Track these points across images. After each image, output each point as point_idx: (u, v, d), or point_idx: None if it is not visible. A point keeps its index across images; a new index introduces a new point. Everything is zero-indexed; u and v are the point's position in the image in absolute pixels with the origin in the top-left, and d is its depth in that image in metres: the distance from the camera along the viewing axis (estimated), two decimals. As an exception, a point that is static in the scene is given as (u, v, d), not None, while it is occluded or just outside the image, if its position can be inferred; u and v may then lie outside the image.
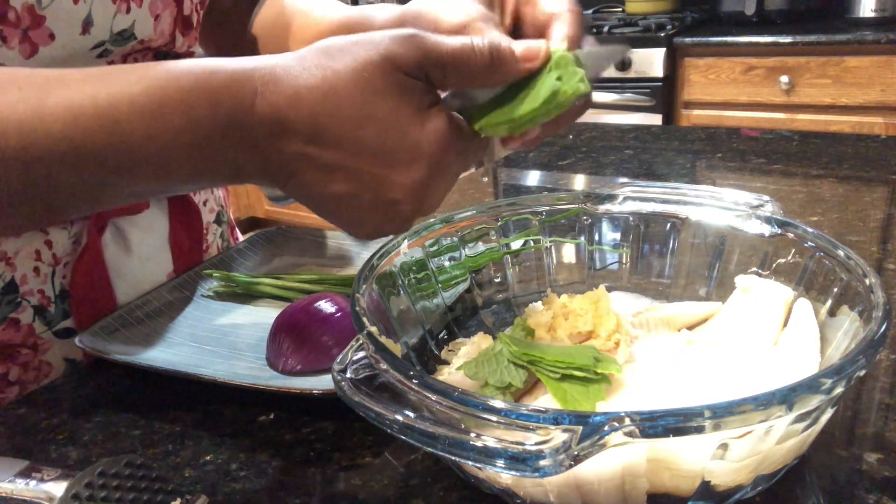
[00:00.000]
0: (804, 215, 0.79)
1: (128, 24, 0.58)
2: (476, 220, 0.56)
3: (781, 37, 1.97)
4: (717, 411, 0.30)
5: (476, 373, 0.43)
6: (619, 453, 0.33)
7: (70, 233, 0.61)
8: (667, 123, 2.19)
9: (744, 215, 0.52)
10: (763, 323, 0.46)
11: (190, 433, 0.49)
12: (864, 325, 0.38)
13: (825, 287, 0.45)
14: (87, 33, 0.55)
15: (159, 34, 0.62)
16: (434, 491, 0.42)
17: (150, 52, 0.63)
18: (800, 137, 1.11)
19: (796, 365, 0.41)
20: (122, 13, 0.57)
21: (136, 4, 0.58)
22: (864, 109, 1.95)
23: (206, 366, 0.55)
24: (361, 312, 0.42)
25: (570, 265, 0.59)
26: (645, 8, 2.51)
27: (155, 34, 0.61)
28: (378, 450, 0.46)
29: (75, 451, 0.49)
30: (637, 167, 1.04)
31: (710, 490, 0.36)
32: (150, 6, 0.60)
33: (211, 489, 0.44)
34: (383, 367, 0.36)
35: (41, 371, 0.62)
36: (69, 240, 0.61)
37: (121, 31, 0.58)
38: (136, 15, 0.59)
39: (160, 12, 0.61)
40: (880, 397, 0.47)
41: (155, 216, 0.68)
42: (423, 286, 0.53)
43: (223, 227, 0.80)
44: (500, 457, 0.30)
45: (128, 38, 0.59)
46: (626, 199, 0.57)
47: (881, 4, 2.04)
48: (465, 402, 0.33)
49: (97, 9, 0.55)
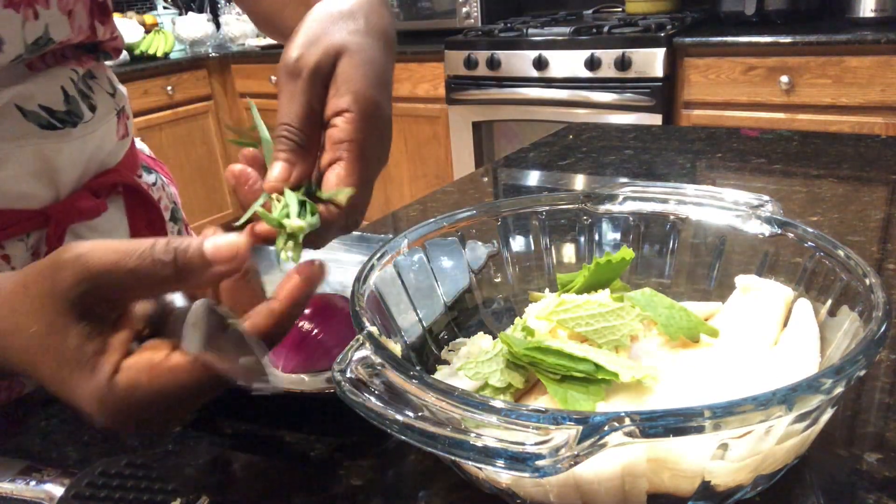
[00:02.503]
0: (804, 215, 0.79)
1: (41, 31, 0.55)
2: (476, 220, 0.56)
3: (781, 37, 1.97)
4: (717, 411, 0.30)
5: (476, 373, 0.43)
6: (619, 453, 0.33)
7: (27, 245, 0.60)
8: (667, 123, 2.19)
9: (744, 215, 0.52)
10: (763, 323, 0.46)
11: (190, 433, 0.49)
12: (864, 325, 0.38)
13: (825, 287, 0.45)
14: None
15: (77, 30, 0.59)
16: (434, 491, 0.42)
17: (72, 47, 0.61)
18: (800, 137, 1.11)
19: (796, 365, 0.41)
20: (30, 21, 0.54)
21: (42, 7, 0.55)
22: (864, 109, 1.94)
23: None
24: (361, 312, 0.42)
25: (570, 265, 0.59)
26: (645, 8, 2.51)
27: (73, 32, 0.58)
28: (378, 450, 0.46)
29: (75, 451, 0.49)
30: (637, 167, 1.04)
31: (710, 490, 0.36)
32: (59, 4, 0.56)
33: (211, 489, 0.44)
34: (383, 367, 0.36)
35: (13, 390, 0.61)
36: (27, 251, 0.60)
37: (35, 39, 0.55)
38: (46, 18, 0.55)
39: (72, 7, 0.58)
40: (880, 397, 0.47)
41: (114, 217, 0.68)
42: (423, 286, 0.53)
43: (179, 224, 0.79)
44: (500, 457, 0.30)
45: (45, 44, 0.56)
46: (626, 199, 0.57)
47: (881, 4, 2.04)
48: (465, 402, 0.33)
49: (2, 24, 0.52)
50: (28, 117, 0.58)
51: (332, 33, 0.43)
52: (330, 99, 0.42)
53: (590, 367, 0.40)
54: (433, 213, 0.87)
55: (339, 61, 0.42)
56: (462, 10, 2.73)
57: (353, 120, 0.41)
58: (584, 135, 1.26)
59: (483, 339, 0.50)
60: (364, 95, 0.42)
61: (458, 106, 2.58)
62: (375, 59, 0.43)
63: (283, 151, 0.42)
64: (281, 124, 0.42)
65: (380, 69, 0.43)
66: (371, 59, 0.43)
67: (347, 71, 0.42)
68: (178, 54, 3.28)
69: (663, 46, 2.11)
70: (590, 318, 0.45)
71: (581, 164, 1.10)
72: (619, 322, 0.45)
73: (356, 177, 0.42)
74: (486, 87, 2.48)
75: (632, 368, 0.40)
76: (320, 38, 0.43)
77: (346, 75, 0.42)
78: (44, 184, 0.61)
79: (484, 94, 2.49)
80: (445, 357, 0.52)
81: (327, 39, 0.43)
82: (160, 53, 3.16)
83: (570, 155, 1.15)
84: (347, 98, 0.41)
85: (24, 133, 0.58)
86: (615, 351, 0.44)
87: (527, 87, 2.39)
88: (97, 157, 0.66)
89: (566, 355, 0.41)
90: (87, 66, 0.65)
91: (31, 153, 0.59)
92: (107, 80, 0.69)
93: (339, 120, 0.42)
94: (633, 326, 0.45)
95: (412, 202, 0.97)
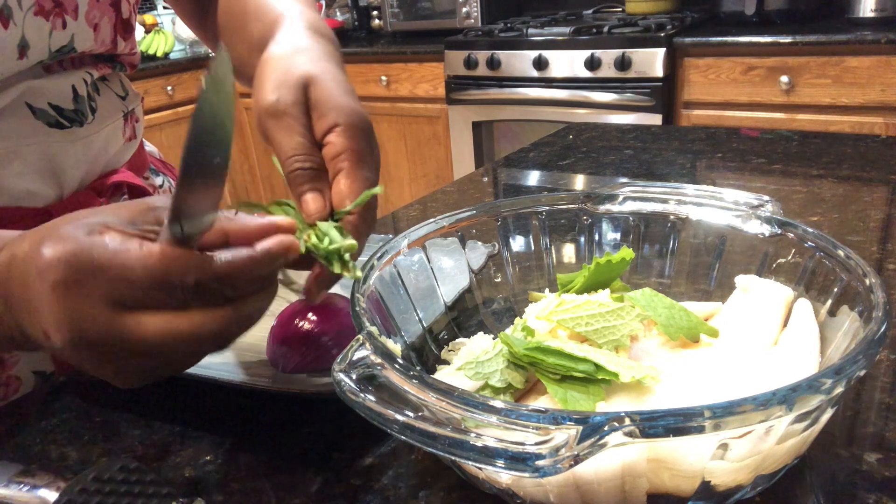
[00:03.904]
0: (804, 215, 0.79)
1: (66, 40, 0.56)
2: (476, 220, 0.56)
3: (781, 37, 1.97)
4: (717, 411, 0.30)
5: (476, 373, 0.43)
6: (619, 453, 0.33)
7: None
8: (667, 123, 2.19)
9: (744, 215, 0.52)
10: (763, 323, 0.46)
11: (190, 433, 0.49)
12: (864, 325, 0.38)
13: (825, 287, 0.45)
14: (23, 57, 0.54)
15: (100, 43, 0.60)
16: (434, 491, 0.42)
17: (91, 56, 0.62)
18: (800, 137, 1.11)
19: (796, 365, 0.41)
20: (58, 30, 0.55)
21: (71, 18, 0.56)
22: (864, 109, 1.94)
23: (206, 366, 0.55)
24: (361, 312, 0.42)
25: (570, 265, 0.59)
26: (645, 8, 2.51)
27: (96, 44, 0.60)
28: (378, 450, 0.46)
29: (75, 451, 0.49)
30: (637, 167, 1.04)
31: (711, 490, 0.36)
32: (87, 17, 0.58)
33: (211, 489, 0.44)
34: (383, 368, 0.36)
35: (10, 387, 0.61)
36: None
37: (60, 47, 0.56)
38: (73, 28, 0.57)
39: (98, 21, 0.59)
40: (880, 397, 0.47)
41: None
42: (423, 286, 0.53)
43: None
44: (500, 457, 0.30)
45: (67, 53, 0.57)
46: (626, 199, 0.57)
47: (881, 4, 2.04)
48: (465, 402, 0.33)
49: (30, 30, 0.53)
50: (37, 115, 0.59)
51: (294, 67, 0.47)
52: (316, 122, 0.46)
53: (590, 367, 0.40)
54: (433, 213, 0.87)
55: (310, 88, 0.47)
56: (462, 10, 2.73)
57: (344, 130, 0.45)
58: (584, 135, 1.26)
59: (483, 339, 0.50)
60: (345, 107, 0.46)
61: (458, 106, 2.58)
62: (338, 77, 0.48)
63: (306, 182, 0.45)
64: (289, 158, 0.46)
65: (345, 84, 0.48)
66: (336, 78, 0.48)
67: (323, 94, 0.46)
68: (178, 54, 3.28)
69: (663, 46, 2.11)
70: (590, 318, 0.45)
71: (581, 164, 1.10)
72: (619, 322, 0.45)
73: (361, 180, 0.45)
74: (486, 87, 2.48)
75: (632, 368, 0.40)
76: (287, 76, 0.47)
77: (323, 97, 0.46)
78: (48, 182, 0.61)
79: (484, 94, 2.49)
80: (445, 357, 0.52)
81: (293, 74, 0.47)
82: (160, 53, 3.17)
83: (570, 155, 1.15)
84: (333, 114, 0.46)
85: (32, 131, 0.58)
86: (615, 351, 0.44)
87: (527, 87, 2.39)
88: (102, 158, 0.66)
89: (566, 355, 0.41)
90: (103, 73, 0.66)
91: (36, 151, 0.59)
92: (119, 83, 0.69)
93: (331, 136, 0.46)
94: (633, 326, 0.45)
95: (412, 202, 0.97)
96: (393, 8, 2.88)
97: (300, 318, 0.56)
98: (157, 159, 0.80)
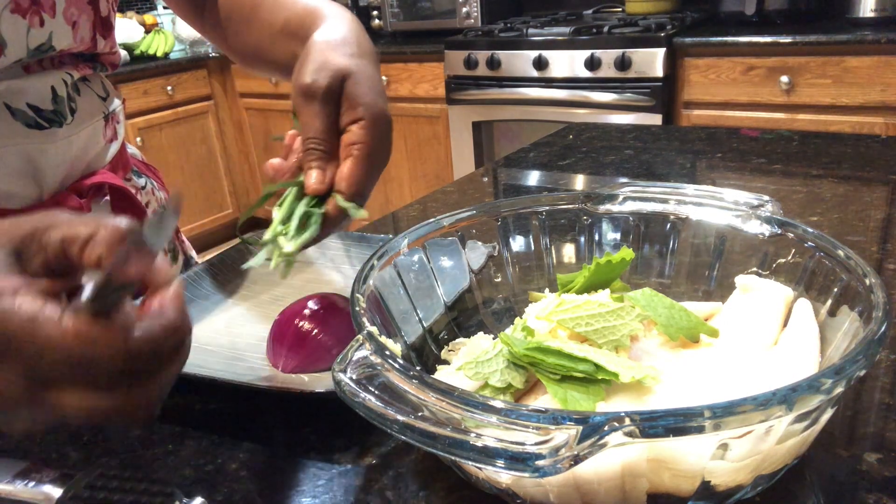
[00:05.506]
0: (804, 215, 0.79)
1: (45, 38, 0.56)
2: (476, 220, 0.56)
3: (781, 37, 1.97)
4: (717, 411, 0.30)
5: (476, 373, 0.43)
6: (619, 453, 0.33)
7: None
8: (667, 123, 2.19)
9: (744, 215, 0.52)
10: (763, 323, 0.46)
11: (190, 433, 0.49)
12: (864, 325, 0.38)
13: (825, 287, 0.45)
14: (1, 56, 0.54)
15: (79, 41, 0.60)
16: (434, 491, 0.42)
17: (71, 55, 0.62)
18: (800, 137, 1.11)
19: (796, 365, 0.41)
20: (35, 28, 0.55)
21: (48, 15, 0.56)
22: (864, 109, 1.94)
23: (205, 366, 0.55)
24: (361, 312, 0.42)
25: (571, 265, 0.59)
26: (645, 8, 2.51)
27: (75, 42, 0.60)
28: (378, 450, 0.46)
29: (75, 451, 0.49)
30: (637, 167, 1.04)
31: (711, 490, 0.36)
32: (65, 14, 0.58)
33: (211, 489, 0.44)
34: (383, 368, 0.36)
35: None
36: None
37: (38, 45, 0.56)
38: (51, 26, 0.57)
39: (77, 19, 0.59)
40: (880, 397, 0.47)
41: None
42: (423, 286, 0.53)
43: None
44: (500, 457, 0.30)
45: (46, 51, 0.57)
46: (626, 199, 0.57)
47: (881, 4, 2.03)
48: (465, 402, 0.33)
49: (7, 29, 0.53)
50: (16, 116, 0.58)
51: (334, 59, 0.51)
52: (344, 112, 0.51)
53: (590, 367, 0.40)
54: (433, 213, 0.87)
55: (346, 82, 0.51)
56: (462, 10, 2.73)
57: (366, 126, 0.50)
58: (584, 135, 1.26)
59: (483, 339, 0.50)
60: (373, 106, 0.51)
61: (458, 106, 2.58)
62: (373, 75, 0.53)
63: (316, 160, 0.51)
64: (308, 139, 0.51)
65: (378, 83, 0.53)
66: (370, 76, 0.52)
67: (355, 89, 0.51)
68: (178, 54, 3.28)
69: (663, 46, 2.11)
70: (590, 318, 0.45)
71: (581, 164, 1.10)
72: (619, 322, 0.45)
73: (365, 170, 0.50)
74: (486, 87, 2.48)
75: (632, 368, 0.40)
76: (326, 64, 0.51)
77: (356, 92, 0.51)
78: (27, 183, 0.61)
79: (484, 94, 2.49)
80: (445, 357, 0.52)
81: (332, 65, 0.51)
82: (160, 53, 3.17)
83: (570, 155, 1.15)
84: (360, 110, 0.50)
85: (10, 132, 0.58)
86: (615, 351, 0.44)
87: (527, 87, 2.39)
88: (83, 159, 0.66)
89: (566, 355, 0.41)
90: (83, 73, 0.65)
91: (15, 153, 0.59)
92: (100, 84, 0.69)
93: (354, 127, 0.51)
94: (633, 326, 0.45)
95: (412, 202, 0.97)
96: (393, 8, 2.88)
97: (300, 319, 0.56)
98: (139, 161, 0.80)
